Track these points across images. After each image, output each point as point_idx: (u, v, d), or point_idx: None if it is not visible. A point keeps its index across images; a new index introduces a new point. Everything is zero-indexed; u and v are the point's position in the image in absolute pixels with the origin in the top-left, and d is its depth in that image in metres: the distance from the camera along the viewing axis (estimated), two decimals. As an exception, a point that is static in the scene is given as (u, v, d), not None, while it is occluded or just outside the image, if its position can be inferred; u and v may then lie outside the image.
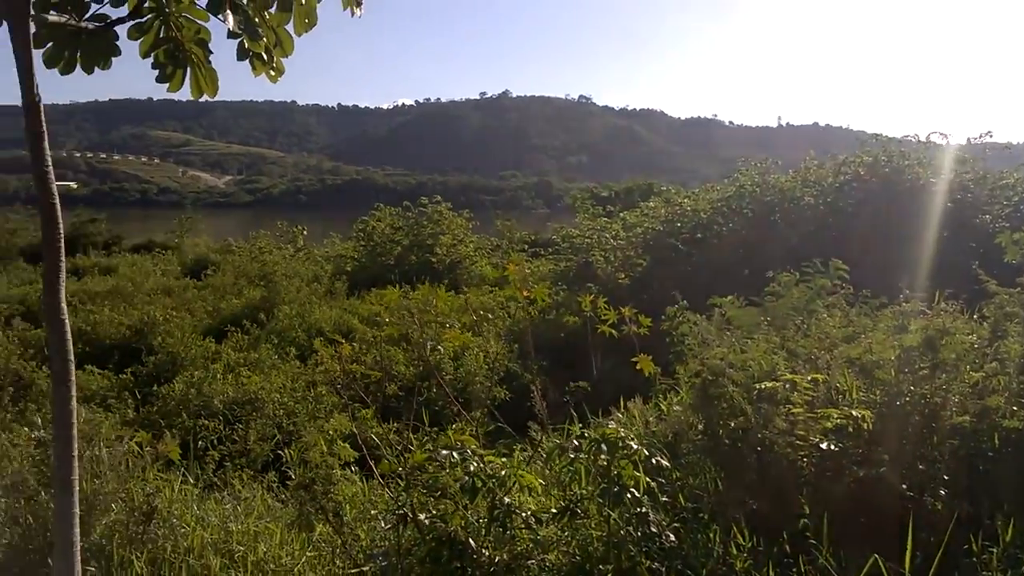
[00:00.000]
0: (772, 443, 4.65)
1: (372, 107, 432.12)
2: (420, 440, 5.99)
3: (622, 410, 6.70)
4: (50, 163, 3.16)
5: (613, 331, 5.24)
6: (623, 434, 4.14)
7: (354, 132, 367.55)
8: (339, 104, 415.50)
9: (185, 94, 4.24)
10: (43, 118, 3.13)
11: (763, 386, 4.82)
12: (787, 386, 4.78)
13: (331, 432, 6.42)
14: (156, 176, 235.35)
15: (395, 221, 26.74)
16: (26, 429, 8.03)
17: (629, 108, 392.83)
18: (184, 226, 38.31)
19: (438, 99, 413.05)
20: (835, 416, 4.51)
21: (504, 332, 13.77)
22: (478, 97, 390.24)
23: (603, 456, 4.05)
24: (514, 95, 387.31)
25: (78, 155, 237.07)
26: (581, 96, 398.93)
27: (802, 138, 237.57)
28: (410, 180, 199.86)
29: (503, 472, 4.01)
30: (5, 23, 3.51)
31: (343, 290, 20.30)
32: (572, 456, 4.24)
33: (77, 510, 2.81)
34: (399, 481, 4.64)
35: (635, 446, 4.09)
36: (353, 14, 3.44)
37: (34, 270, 27.59)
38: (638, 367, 5.38)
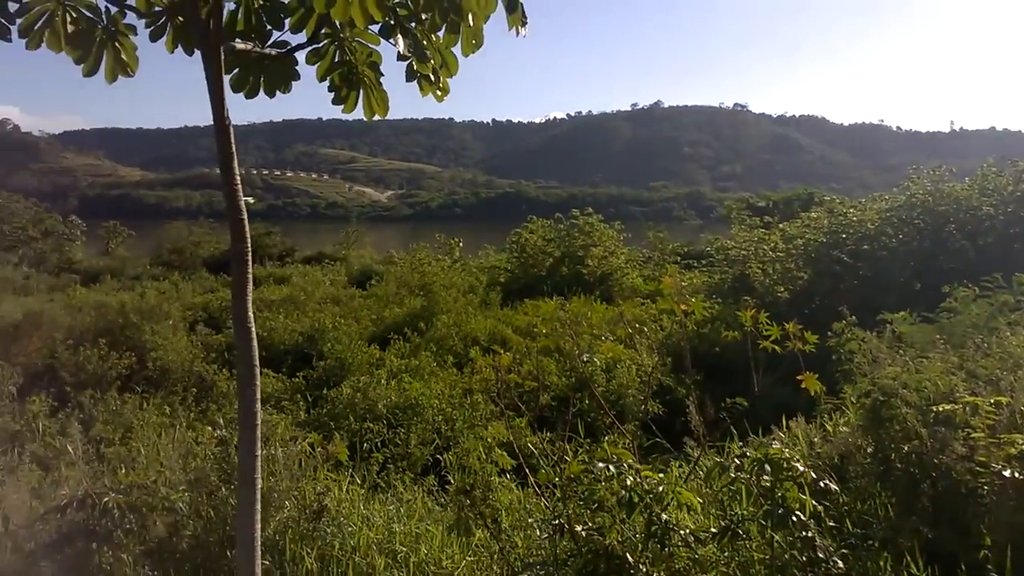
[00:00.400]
0: (950, 469, 4.37)
1: (525, 121, 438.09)
2: (575, 451, 6.01)
3: (783, 429, 6.45)
4: (239, 182, 3.40)
5: (776, 347, 5.05)
6: (787, 455, 3.99)
7: (507, 146, 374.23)
8: (493, 119, 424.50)
9: (355, 114, 4.46)
10: (232, 140, 3.38)
11: (940, 408, 4.55)
12: (967, 409, 4.49)
13: (489, 439, 6.56)
14: (325, 191, 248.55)
15: (547, 233, 26.96)
16: (208, 428, 8.66)
17: (787, 115, 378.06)
18: (350, 239, 40.33)
19: (589, 111, 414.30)
20: (1020, 442, 4.18)
21: (657, 345, 13.58)
22: (630, 108, 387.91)
23: (766, 477, 3.92)
24: (666, 105, 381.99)
25: (255, 172, 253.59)
26: (736, 104, 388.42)
27: (977, 144, 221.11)
28: (561, 192, 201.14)
29: (660, 488, 3.95)
30: (199, 52, 3.83)
31: (497, 300, 20.69)
32: (733, 475, 4.12)
33: (259, 506, 3.00)
34: (555, 491, 4.66)
35: (800, 467, 3.93)
36: (518, 34, 3.51)
37: (215, 279, 29.78)
38: (802, 385, 5.16)
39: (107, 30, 4.09)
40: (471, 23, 3.54)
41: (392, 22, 3.78)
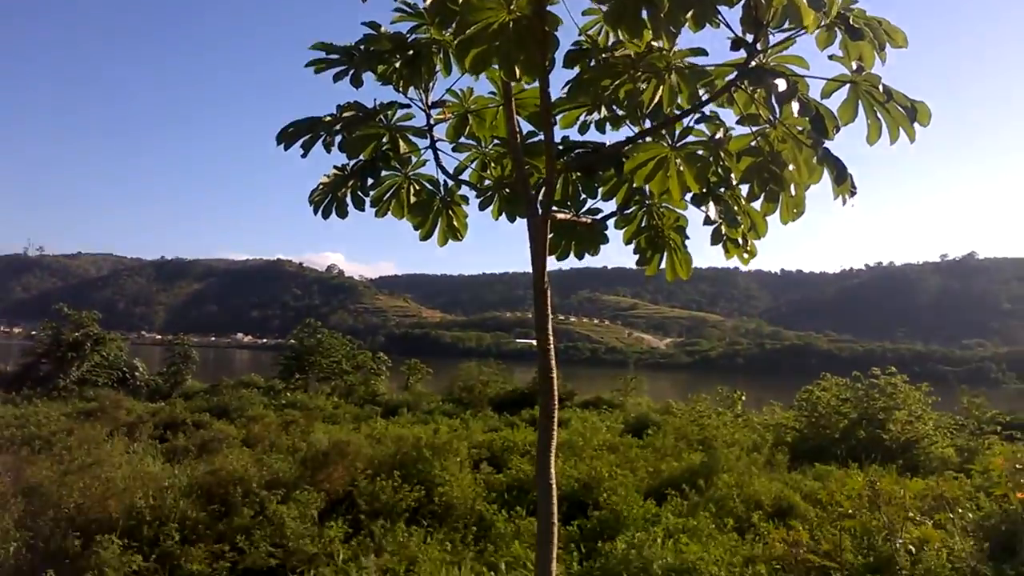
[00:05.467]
0: None
1: (817, 271, 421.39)
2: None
3: None
4: (552, 343, 3.57)
5: None
6: None
7: (795, 296, 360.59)
8: (782, 269, 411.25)
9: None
10: (549, 303, 3.58)
11: None
12: None
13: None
14: (605, 336, 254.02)
15: (842, 392, 25.12)
16: (485, 569, 8.81)
17: None
18: (628, 385, 40.44)
19: (891, 262, 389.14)
20: None
21: (972, 527, 11.90)
22: (939, 260, 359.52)
23: None
24: (981, 256, 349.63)
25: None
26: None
27: None
28: (856, 347, 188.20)
29: None
30: (522, 219, 4.14)
31: (784, 462, 19.40)
32: None
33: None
34: None
35: None
36: (844, 203, 3.42)
37: (498, 419, 31.06)
38: None
39: (443, 200, 4.61)
40: (792, 193, 3.53)
41: (704, 190, 3.88)
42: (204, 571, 10.08)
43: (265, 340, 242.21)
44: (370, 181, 4.33)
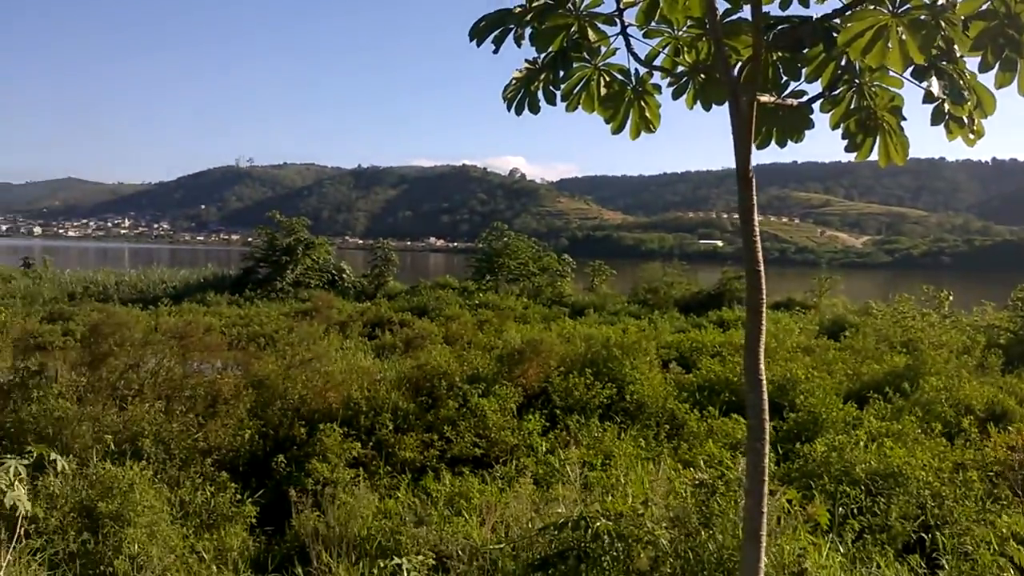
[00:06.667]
0: None
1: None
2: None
3: None
4: (758, 234, 3.41)
5: None
6: None
7: (1009, 188, 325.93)
8: (993, 158, 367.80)
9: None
10: (754, 192, 3.41)
11: None
12: None
13: (1003, 530, 5.68)
14: (794, 236, 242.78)
15: (1064, 290, 22.84)
16: (680, 466, 8.87)
17: None
18: (823, 286, 38.67)
19: None
20: None
21: None
22: None
23: None
24: None
25: (725, 216, 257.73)
26: None
27: None
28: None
29: None
30: (719, 105, 3.94)
31: (997, 365, 18.01)
32: None
33: (763, 564, 2.94)
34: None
35: None
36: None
37: (685, 320, 30.83)
38: None
39: (635, 91, 4.45)
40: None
41: (926, 64, 3.52)
42: (416, 458, 10.84)
43: (455, 243, 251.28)
44: (561, 73, 4.25)
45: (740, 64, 3.77)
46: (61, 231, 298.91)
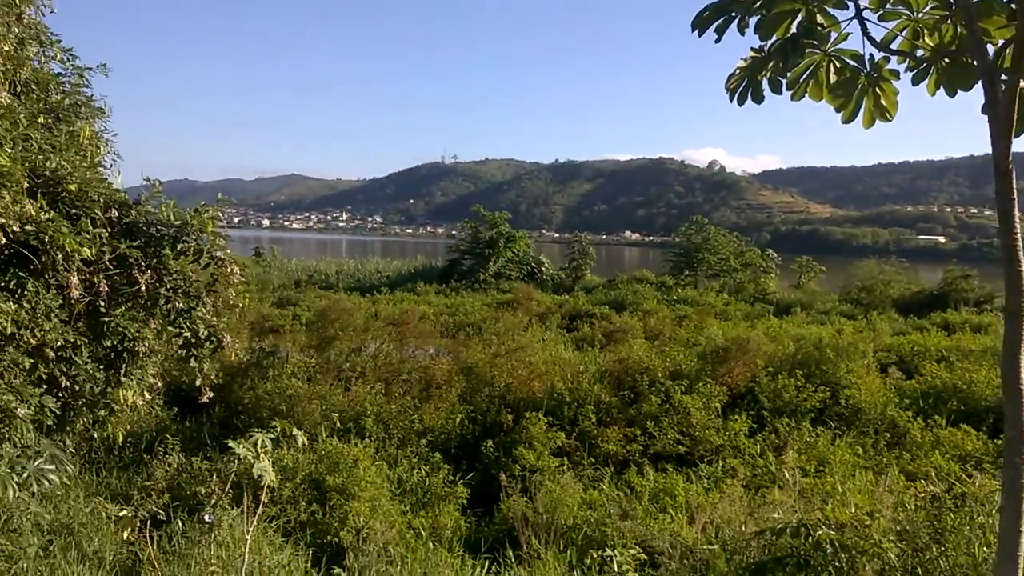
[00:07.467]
0: None
1: None
2: None
3: None
4: (1019, 231, 3.14)
5: None
6: None
7: None
8: None
9: None
10: (1014, 186, 3.14)
11: None
12: None
13: None
14: None
15: None
16: (902, 477, 8.31)
17: None
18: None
19: None
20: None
21: None
22: None
23: None
24: None
25: (948, 210, 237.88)
26: None
27: None
28: None
29: None
30: (985, 90, 3.65)
31: None
32: None
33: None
34: None
35: None
36: None
37: (904, 321, 28.64)
38: None
39: (870, 77, 4.22)
40: None
41: None
42: (618, 452, 10.88)
43: (651, 237, 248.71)
44: (790, 61, 4.10)
45: (995, 49, 3.48)
46: (286, 223, 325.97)
